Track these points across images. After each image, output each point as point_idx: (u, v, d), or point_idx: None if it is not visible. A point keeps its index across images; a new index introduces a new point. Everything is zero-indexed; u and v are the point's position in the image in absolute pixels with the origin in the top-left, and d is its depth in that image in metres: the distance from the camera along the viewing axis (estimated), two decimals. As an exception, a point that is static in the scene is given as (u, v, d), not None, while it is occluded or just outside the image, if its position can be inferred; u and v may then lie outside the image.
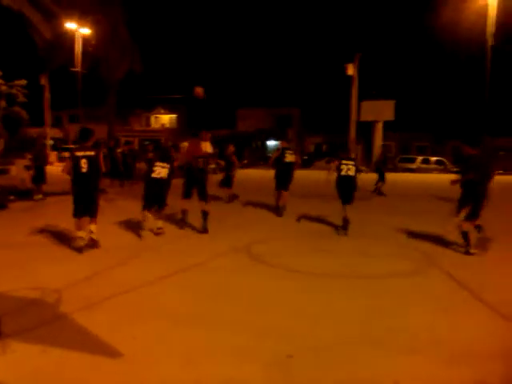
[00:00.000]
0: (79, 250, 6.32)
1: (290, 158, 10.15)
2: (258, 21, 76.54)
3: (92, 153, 6.42)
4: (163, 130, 48.99)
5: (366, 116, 36.42)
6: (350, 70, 34.26)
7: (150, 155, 18.45)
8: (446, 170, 37.12)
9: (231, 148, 13.27)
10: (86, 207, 6.44)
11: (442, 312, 4.34)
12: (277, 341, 3.59)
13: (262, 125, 47.33)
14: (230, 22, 78.28)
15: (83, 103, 30.91)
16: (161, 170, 7.56)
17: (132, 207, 11.31)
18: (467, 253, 6.72)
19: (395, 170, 33.88)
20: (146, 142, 26.30)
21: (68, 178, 6.47)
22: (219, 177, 13.38)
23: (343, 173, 8.30)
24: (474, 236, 6.84)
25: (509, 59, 40.03)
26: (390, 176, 28.60)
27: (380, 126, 37.19)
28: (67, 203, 6.80)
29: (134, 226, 8.10)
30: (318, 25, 69.80)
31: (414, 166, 38.12)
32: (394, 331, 3.81)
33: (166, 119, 52.70)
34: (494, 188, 8.61)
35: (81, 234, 6.43)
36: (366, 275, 5.60)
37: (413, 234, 8.24)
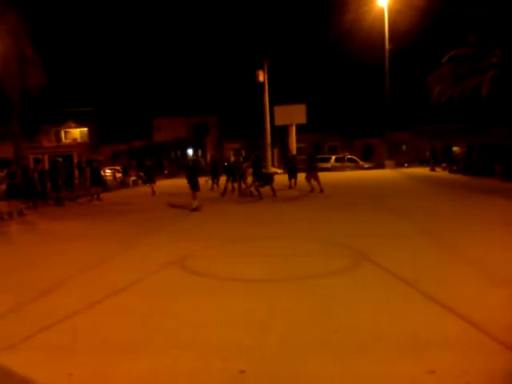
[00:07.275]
0: None
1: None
2: (171, 31, 75.64)
3: None
4: (75, 144, 46.50)
5: (280, 120, 37.43)
6: (261, 77, 34.97)
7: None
8: (358, 167, 39.10)
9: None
10: None
11: (383, 306, 4.44)
12: (225, 357, 3.44)
13: (180, 134, 46.63)
14: (143, 31, 76.33)
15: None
16: None
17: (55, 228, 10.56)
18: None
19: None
20: (59, 159, 24.66)
21: None
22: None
23: None
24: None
25: (403, 60, 43.40)
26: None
27: (293, 130, 38.28)
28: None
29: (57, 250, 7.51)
30: (228, 33, 70.76)
31: (328, 165, 39.71)
32: (340, 331, 3.82)
33: (76, 133, 50.05)
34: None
35: None
36: (303, 276, 5.61)
37: (339, 230, 8.51)
